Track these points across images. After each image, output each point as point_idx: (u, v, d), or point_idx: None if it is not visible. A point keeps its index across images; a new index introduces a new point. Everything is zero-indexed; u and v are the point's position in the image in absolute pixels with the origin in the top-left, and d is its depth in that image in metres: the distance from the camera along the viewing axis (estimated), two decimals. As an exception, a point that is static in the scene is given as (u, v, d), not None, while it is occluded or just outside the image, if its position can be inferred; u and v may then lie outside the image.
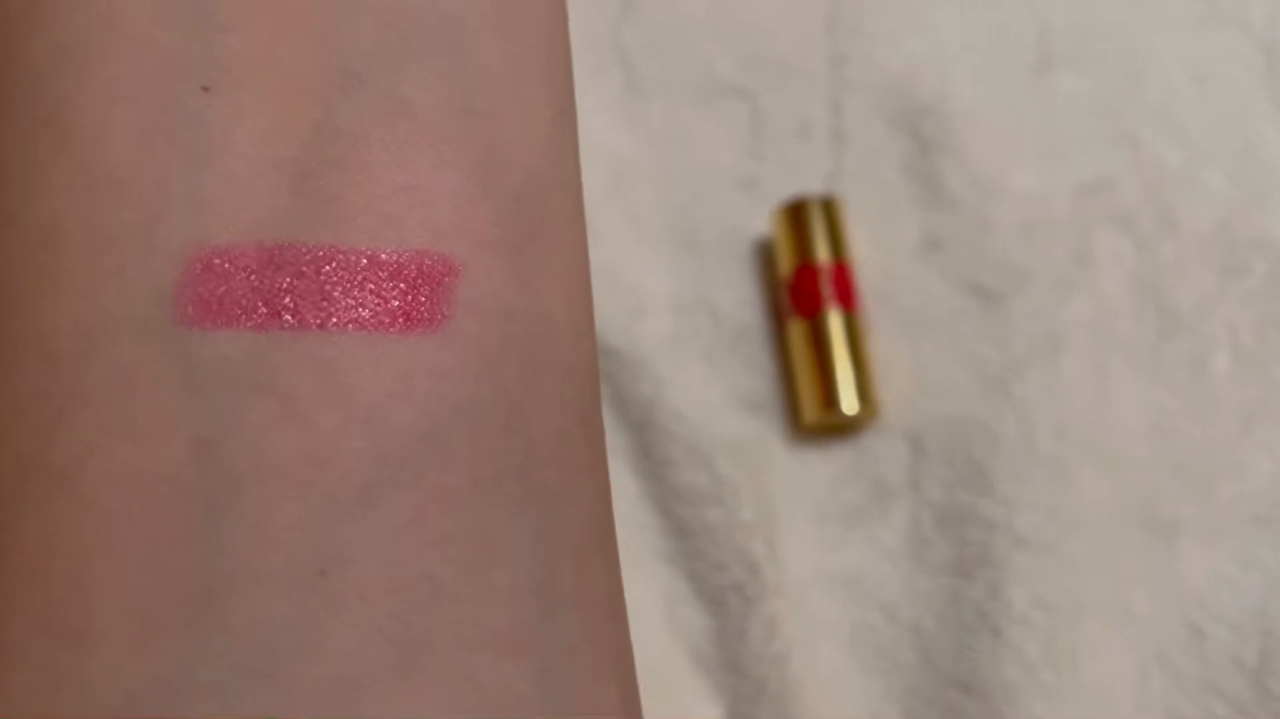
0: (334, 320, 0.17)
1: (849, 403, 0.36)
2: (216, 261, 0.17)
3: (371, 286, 0.17)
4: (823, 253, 0.38)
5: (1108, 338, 0.38)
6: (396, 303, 0.17)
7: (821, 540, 0.36)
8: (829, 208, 0.39)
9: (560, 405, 0.18)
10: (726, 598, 0.36)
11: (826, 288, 0.37)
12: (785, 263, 0.38)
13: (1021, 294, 0.38)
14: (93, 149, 0.17)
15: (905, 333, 0.38)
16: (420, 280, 0.17)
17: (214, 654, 0.15)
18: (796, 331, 0.37)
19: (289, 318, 0.17)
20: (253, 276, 0.17)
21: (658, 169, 0.41)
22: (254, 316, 0.16)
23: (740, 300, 0.39)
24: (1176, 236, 0.38)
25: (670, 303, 0.39)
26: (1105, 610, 0.35)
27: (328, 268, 0.17)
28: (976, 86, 0.41)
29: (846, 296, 0.38)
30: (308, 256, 0.17)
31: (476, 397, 0.17)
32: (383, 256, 0.17)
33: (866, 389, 0.37)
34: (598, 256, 0.41)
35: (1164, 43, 0.41)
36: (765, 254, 0.39)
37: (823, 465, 0.37)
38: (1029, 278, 0.38)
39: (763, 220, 0.40)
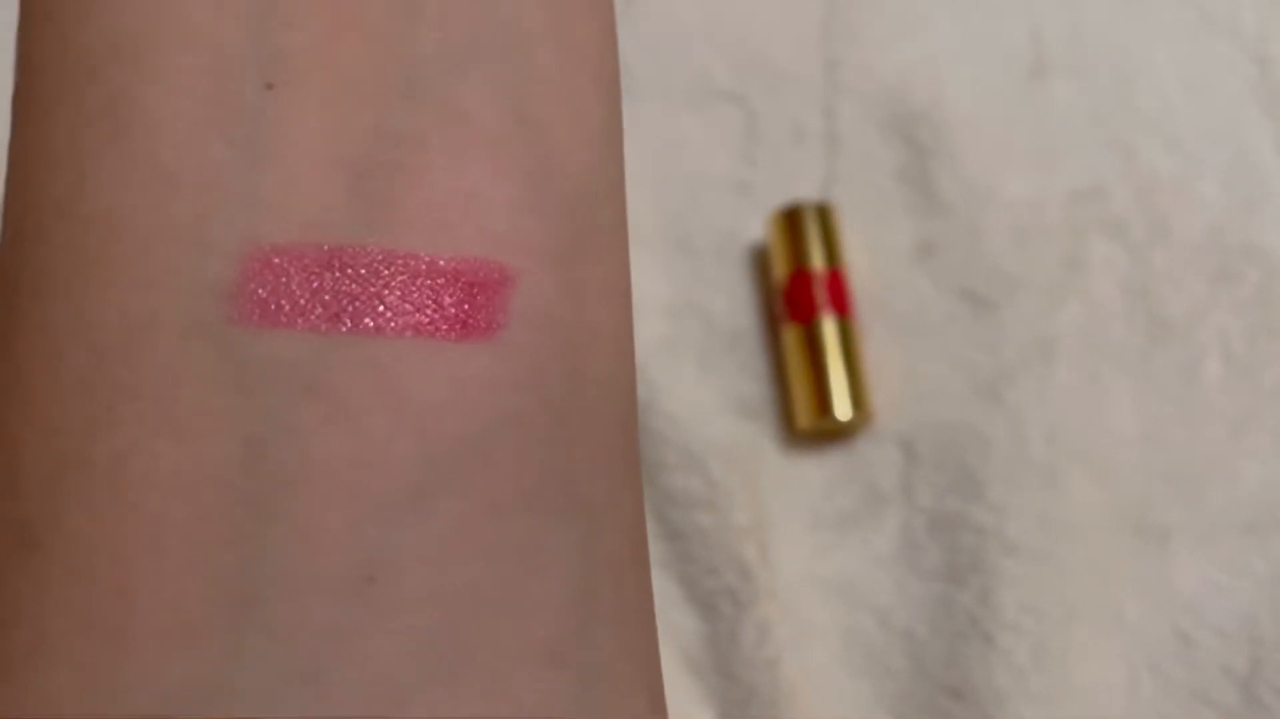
0: (391, 325, 0.16)
1: (842, 408, 0.37)
2: (276, 261, 0.16)
3: (429, 293, 0.17)
4: (817, 259, 0.38)
5: (1099, 344, 0.38)
6: (453, 310, 0.17)
7: (814, 545, 0.36)
8: (824, 214, 0.39)
9: (602, 417, 0.18)
10: (718, 602, 0.36)
11: (821, 293, 0.38)
12: (780, 268, 0.38)
13: (1014, 300, 0.38)
14: (148, 141, 0.17)
15: (898, 338, 0.38)
16: (477, 288, 0.17)
17: (255, 657, 0.15)
18: (791, 337, 0.38)
19: (346, 321, 0.16)
20: (312, 278, 0.16)
21: (653, 174, 0.41)
22: (311, 319, 0.16)
23: (734, 305, 0.39)
24: (1168, 244, 0.39)
25: (664, 307, 0.39)
26: (1095, 617, 0.35)
27: (386, 272, 0.17)
28: (970, 93, 0.41)
29: (840, 302, 0.38)
30: (366, 260, 0.17)
31: (523, 407, 0.17)
32: (441, 263, 0.17)
33: (860, 395, 0.37)
34: None
35: (1157, 51, 0.41)
36: (760, 259, 0.40)
37: (816, 470, 0.37)
38: (1021, 284, 0.38)
39: (757, 225, 0.40)
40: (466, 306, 0.17)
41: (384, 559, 0.16)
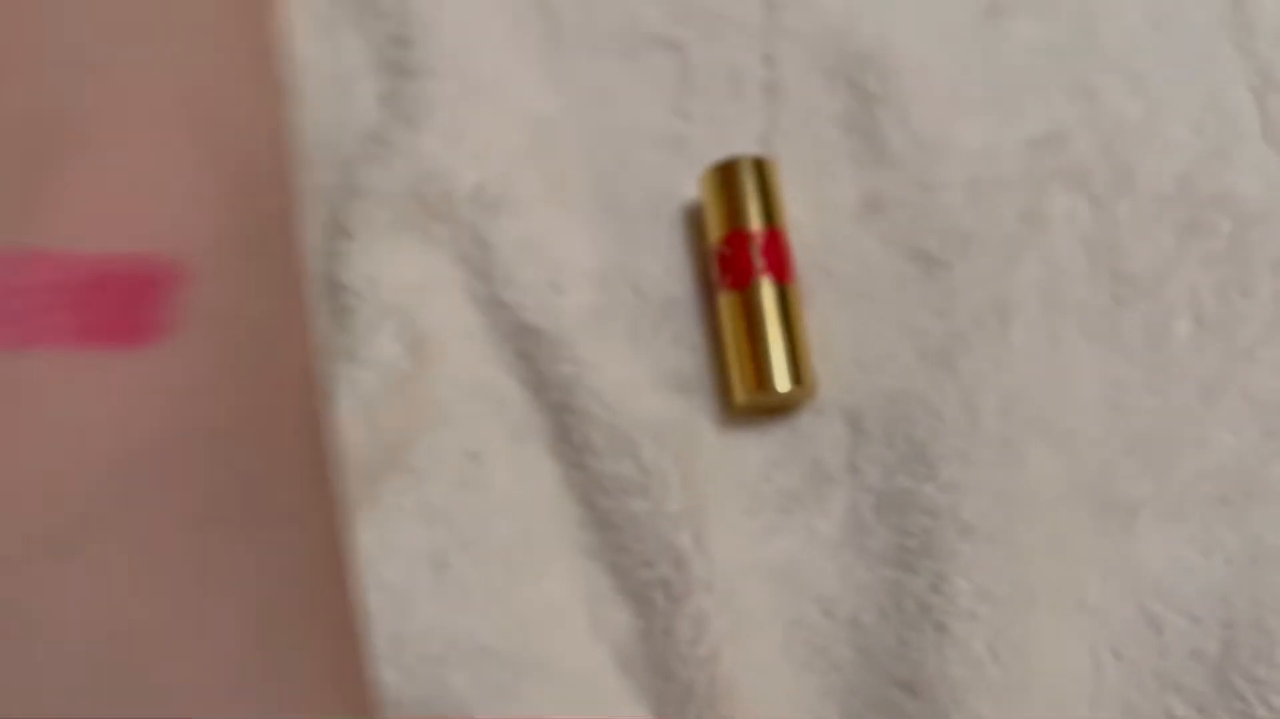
0: (37, 338, 0.14)
1: (782, 381, 0.34)
2: None
3: (75, 297, 0.14)
4: (754, 218, 0.35)
5: (1060, 304, 0.35)
6: (105, 314, 0.14)
7: (754, 530, 0.34)
8: (762, 169, 0.36)
9: (289, 416, 0.16)
10: (652, 595, 0.33)
11: (758, 257, 0.35)
12: (714, 230, 0.35)
13: (967, 259, 0.35)
14: None
15: (843, 303, 0.36)
16: (138, 288, 0.15)
17: None
18: (727, 304, 0.35)
19: None
20: None
21: (579, 128, 0.38)
22: None
23: (667, 271, 0.36)
24: (1134, 194, 0.36)
25: (592, 274, 0.36)
26: (1056, 601, 0.33)
27: (23, 275, 0.14)
28: (920, 34, 0.38)
29: (780, 266, 0.35)
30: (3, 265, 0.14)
31: (199, 415, 0.15)
32: (92, 262, 0.14)
33: (801, 366, 0.34)
34: (515, 225, 0.38)
35: (1122, -17, 0.38)
36: (694, 220, 0.37)
37: (755, 449, 0.35)
38: (976, 241, 0.36)
39: (692, 183, 0.37)
40: (123, 309, 0.14)
41: (34, 600, 0.14)
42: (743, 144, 0.37)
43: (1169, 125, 0.36)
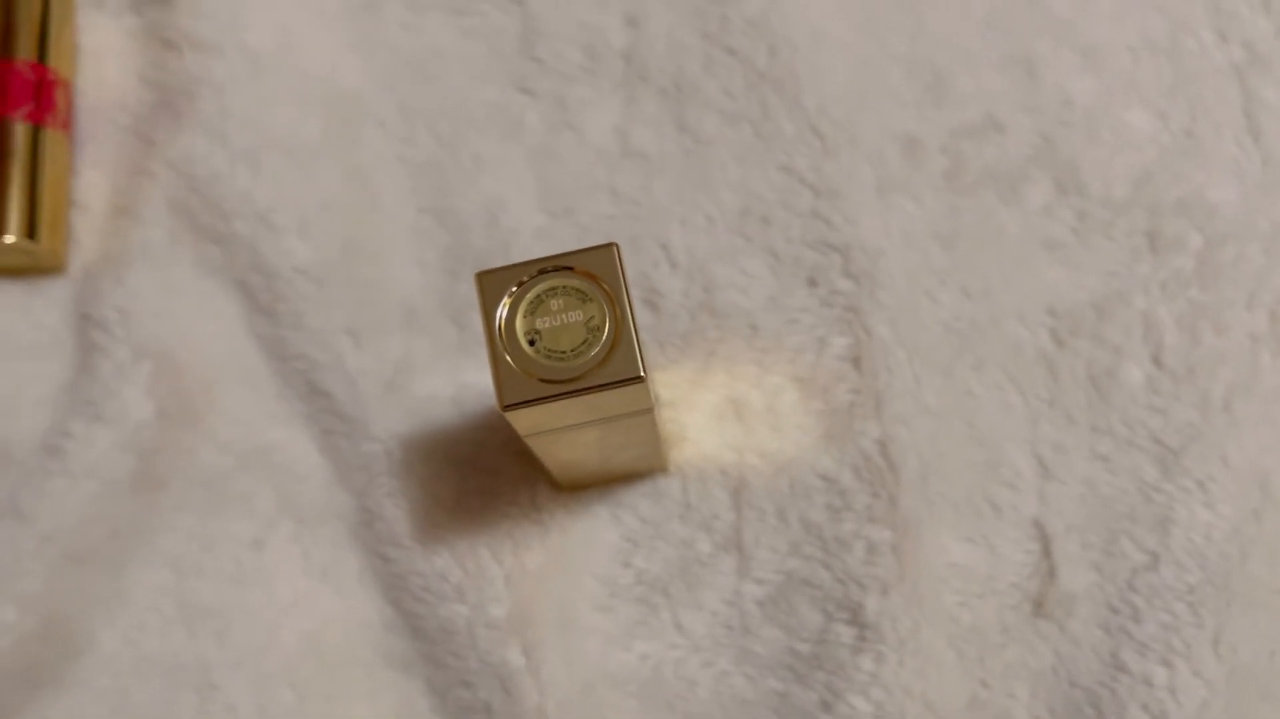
0: None
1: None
2: None
3: None
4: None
5: (981, 346, 0.28)
6: None
7: (605, 632, 0.27)
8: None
9: None
10: (475, 725, 0.27)
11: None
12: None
13: (875, 284, 0.28)
14: None
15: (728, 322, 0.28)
16: None
17: None
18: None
19: None
20: None
21: (398, 105, 0.30)
22: None
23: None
24: (1082, 198, 0.29)
25: (407, 316, 0.29)
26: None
27: None
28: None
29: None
30: None
31: None
32: None
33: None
34: (303, 247, 0.29)
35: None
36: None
37: (609, 526, 0.27)
38: (883, 261, 0.28)
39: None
40: None
41: None
42: (599, 130, 0.29)
43: (1127, 109, 0.29)
